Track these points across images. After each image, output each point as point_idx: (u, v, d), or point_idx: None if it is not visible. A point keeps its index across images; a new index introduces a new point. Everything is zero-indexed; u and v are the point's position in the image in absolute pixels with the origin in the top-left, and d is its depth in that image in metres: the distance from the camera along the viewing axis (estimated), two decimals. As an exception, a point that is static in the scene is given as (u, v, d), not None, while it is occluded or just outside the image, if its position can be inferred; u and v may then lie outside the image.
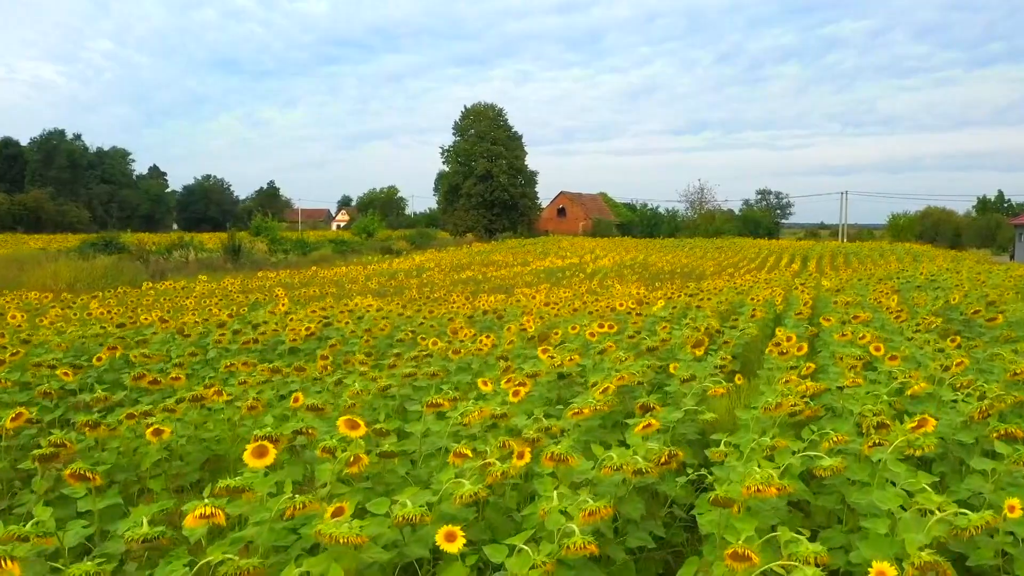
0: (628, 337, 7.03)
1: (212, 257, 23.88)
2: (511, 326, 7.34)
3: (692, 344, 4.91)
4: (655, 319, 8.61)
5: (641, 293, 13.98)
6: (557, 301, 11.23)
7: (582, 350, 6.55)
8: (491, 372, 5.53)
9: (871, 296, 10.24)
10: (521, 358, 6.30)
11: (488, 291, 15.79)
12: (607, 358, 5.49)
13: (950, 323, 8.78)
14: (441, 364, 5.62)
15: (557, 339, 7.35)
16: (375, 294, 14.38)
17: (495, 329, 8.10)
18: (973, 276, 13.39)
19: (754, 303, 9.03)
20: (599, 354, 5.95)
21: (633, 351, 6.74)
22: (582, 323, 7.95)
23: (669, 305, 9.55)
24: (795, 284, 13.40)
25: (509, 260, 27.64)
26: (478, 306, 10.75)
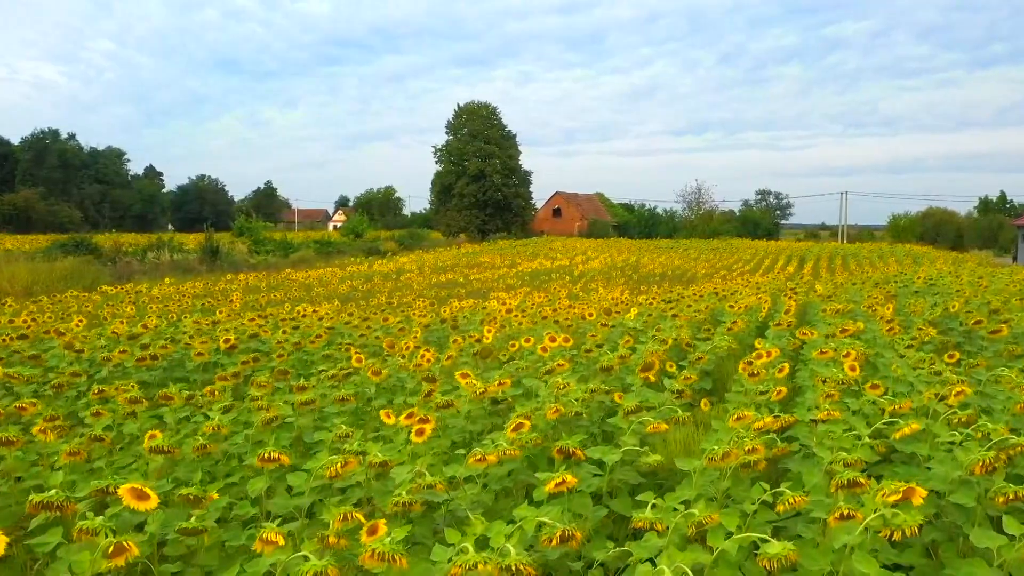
0: (586, 352, 6.28)
1: (188, 259, 23.14)
2: (458, 339, 6.58)
3: (642, 367, 4.14)
4: (624, 330, 7.85)
5: (623, 297, 13.22)
6: (527, 308, 10.47)
7: (533, 368, 5.80)
8: (416, 397, 4.77)
9: (864, 303, 9.47)
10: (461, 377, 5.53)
11: (464, 295, 15.05)
12: (553, 380, 4.73)
13: (949, 334, 8.01)
14: (354, 388, 4.86)
15: (509, 354, 6.60)
16: (342, 299, 13.64)
17: (446, 342, 7.35)
18: (974, 280, 12.61)
19: (735, 311, 8.26)
20: (546, 374, 5.20)
21: (588, 369, 5.99)
22: (545, 333, 7.21)
23: (644, 313, 8.78)
24: (787, 288, 12.63)
25: (496, 262, 26.87)
26: (443, 313, 10.00)
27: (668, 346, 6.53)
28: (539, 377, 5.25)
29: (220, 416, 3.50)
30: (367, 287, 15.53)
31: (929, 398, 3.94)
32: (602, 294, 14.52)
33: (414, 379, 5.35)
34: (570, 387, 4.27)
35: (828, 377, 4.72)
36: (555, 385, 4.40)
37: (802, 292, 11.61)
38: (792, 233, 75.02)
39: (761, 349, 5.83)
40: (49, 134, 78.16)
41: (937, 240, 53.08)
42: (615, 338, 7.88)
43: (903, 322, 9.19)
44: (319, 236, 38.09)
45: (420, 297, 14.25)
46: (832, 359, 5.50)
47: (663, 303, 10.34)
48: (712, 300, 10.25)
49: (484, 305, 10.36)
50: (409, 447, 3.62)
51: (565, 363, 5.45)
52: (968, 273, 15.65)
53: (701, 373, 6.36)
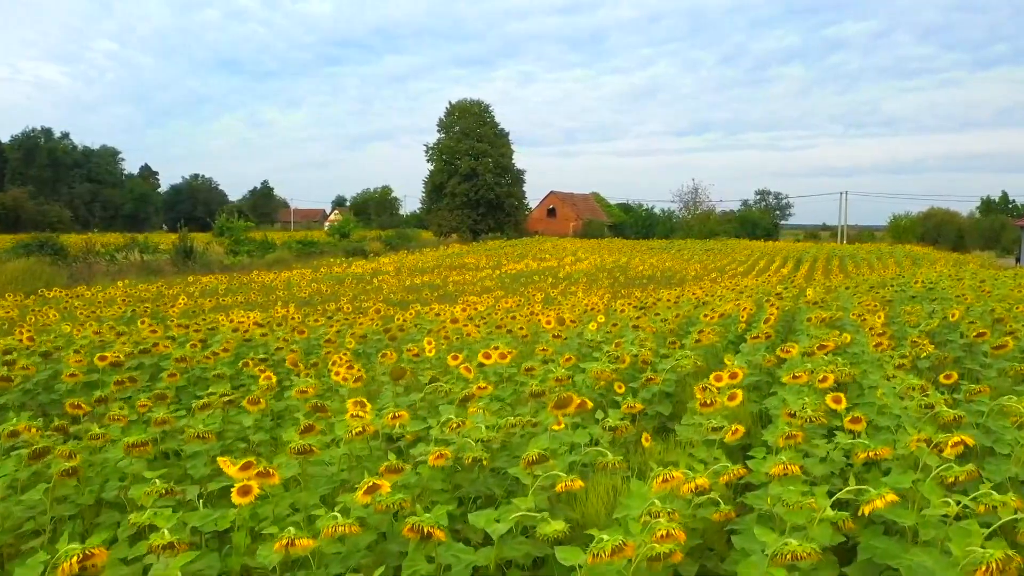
0: (526, 371, 5.42)
1: (158, 260, 22.26)
2: (388, 353, 5.72)
3: (555, 403, 3.27)
4: (582, 343, 6.99)
5: (599, 302, 12.36)
6: (489, 315, 9.63)
7: (457, 393, 4.95)
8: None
9: (855, 310, 8.61)
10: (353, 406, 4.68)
11: (434, 299, 14.20)
12: (452, 415, 3.88)
13: (947, 347, 7.14)
14: (219, 422, 4.00)
15: (449, 370, 5.74)
16: (301, 303, 12.79)
17: (375, 357, 6.48)
18: (976, 284, 11.74)
19: (708, 320, 7.40)
20: (464, 401, 4.35)
21: (513, 396, 5.14)
22: (492, 347, 6.37)
23: (610, 322, 7.92)
24: (773, 293, 11.77)
25: (481, 263, 25.98)
26: (396, 320, 9.15)
27: (625, 364, 5.69)
28: (457, 404, 4.40)
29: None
30: (333, 290, 14.69)
31: (918, 445, 3.07)
32: (580, 298, 13.66)
33: (302, 405, 4.49)
34: (466, 425, 3.41)
35: (797, 409, 3.87)
36: (460, 419, 3.54)
37: (789, 297, 10.74)
38: (792, 233, 74.20)
39: (725, 369, 4.98)
40: (42, 133, 77.59)
41: (938, 241, 52.19)
42: (572, 351, 7.04)
43: (897, 332, 8.32)
44: (302, 236, 37.17)
45: (385, 301, 13.40)
46: (808, 383, 4.65)
47: (635, 310, 9.48)
48: (688, 307, 9.39)
49: (438, 312, 9.49)
50: (232, 513, 2.78)
51: (488, 387, 4.61)
52: (970, 276, 14.77)
53: (659, 396, 5.50)
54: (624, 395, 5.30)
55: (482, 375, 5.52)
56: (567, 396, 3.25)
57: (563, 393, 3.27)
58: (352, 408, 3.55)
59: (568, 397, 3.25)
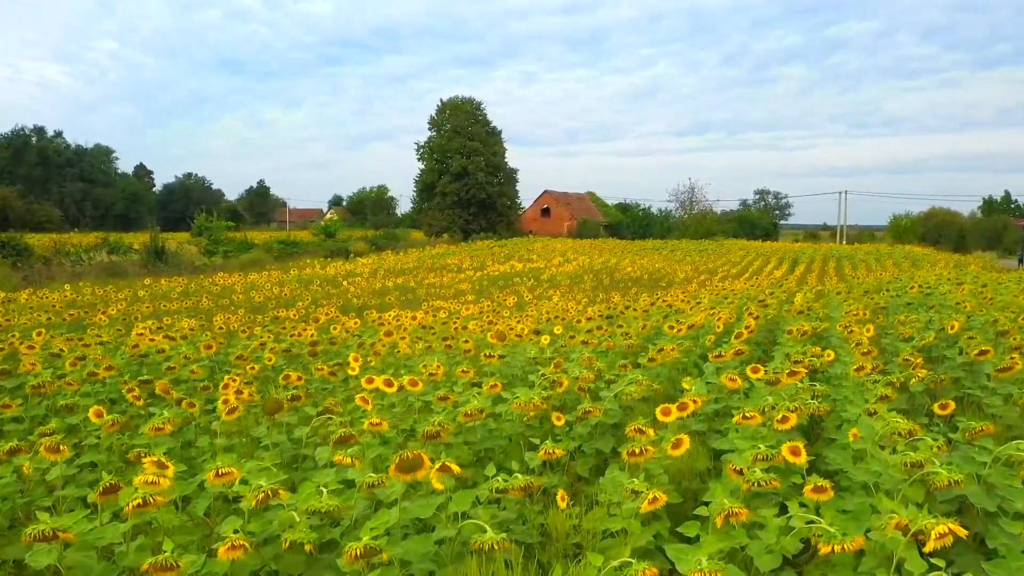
0: (440, 399, 4.55)
1: (127, 260, 21.39)
2: (291, 374, 4.85)
3: (398, 465, 2.40)
4: (526, 361, 6.12)
5: (572, 307, 11.51)
6: (441, 325, 8.77)
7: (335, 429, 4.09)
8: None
9: (843, 321, 7.74)
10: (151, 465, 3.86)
11: (400, 304, 13.35)
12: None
13: (944, 365, 6.27)
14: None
15: (330, 401, 4.89)
16: (253, 309, 11.95)
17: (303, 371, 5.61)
18: (977, 290, 10.86)
19: (674, 332, 6.53)
20: (340, 444, 3.50)
21: (403, 435, 4.28)
22: (424, 364, 5.52)
23: (566, 334, 7.05)
24: (759, 299, 10.90)
25: (464, 264, 25.08)
26: (333, 331, 8.30)
27: (563, 388, 4.82)
28: (333, 446, 3.55)
29: None
30: (295, 294, 13.83)
31: (893, 534, 2.20)
32: (554, 303, 12.79)
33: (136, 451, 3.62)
34: (280, 494, 2.54)
35: (744, 465, 3.01)
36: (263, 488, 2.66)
37: (775, 304, 9.86)
38: (791, 233, 73.30)
39: (683, 397, 4.12)
40: (34, 132, 76.83)
41: (939, 241, 51.24)
42: (515, 371, 6.18)
43: (889, 346, 7.45)
44: (284, 236, 36.19)
45: (344, 306, 12.55)
46: (767, 421, 3.78)
47: (603, 319, 8.61)
48: (659, 315, 8.51)
49: (384, 321, 8.62)
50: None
51: (384, 422, 3.75)
52: (970, 280, 13.89)
53: (600, 429, 4.64)
54: (560, 429, 4.45)
55: (386, 405, 4.66)
56: (414, 456, 2.37)
57: (410, 453, 2.40)
58: (149, 470, 2.68)
59: (416, 458, 2.37)
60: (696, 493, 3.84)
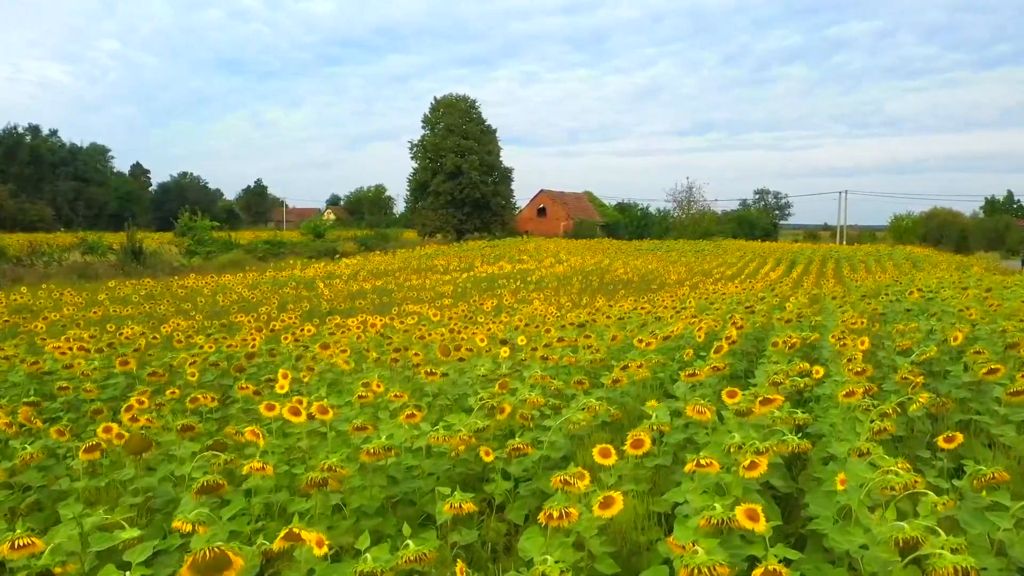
0: (356, 429, 3.89)
1: (100, 263, 20.68)
2: (176, 390, 4.19)
3: (192, 567, 1.74)
4: (474, 379, 5.45)
5: (549, 311, 10.85)
6: (401, 333, 8.12)
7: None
8: None
9: (836, 330, 7.05)
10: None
11: (373, 308, 12.69)
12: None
13: (945, 382, 5.59)
14: None
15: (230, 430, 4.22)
16: (213, 314, 11.30)
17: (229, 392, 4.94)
18: (981, 294, 10.17)
19: (644, 346, 5.85)
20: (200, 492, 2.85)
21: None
22: (364, 382, 4.86)
23: (528, 346, 6.38)
24: (747, 305, 10.23)
25: (452, 265, 24.39)
26: (281, 341, 7.65)
27: (504, 415, 4.15)
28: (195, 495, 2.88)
29: None
30: (264, 297, 13.15)
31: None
32: (535, 307, 12.12)
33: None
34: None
35: (687, 541, 2.35)
36: None
37: (764, 310, 9.18)
38: (791, 234, 72.62)
39: (635, 430, 3.45)
40: (29, 130, 76.27)
41: (941, 241, 50.52)
42: (465, 390, 5.50)
43: (886, 360, 6.77)
44: (270, 236, 35.43)
45: (312, 311, 11.88)
46: (731, 465, 3.10)
47: (575, 328, 7.94)
48: (636, 323, 7.84)
49: (331, 331, 7.94)
50: None
51: (268, 466, 3.09)
52: (974, 283, 13.19)
53: (540, 465, 3.97)
54: (495, 465, 3.78)
55: (292, 437, 3.99)
56: (215, 556, 1.70)
57: (209, 551, 1.72)
58: None
59: (219, 558, 1.70)
60: (648, 546, 3.18)
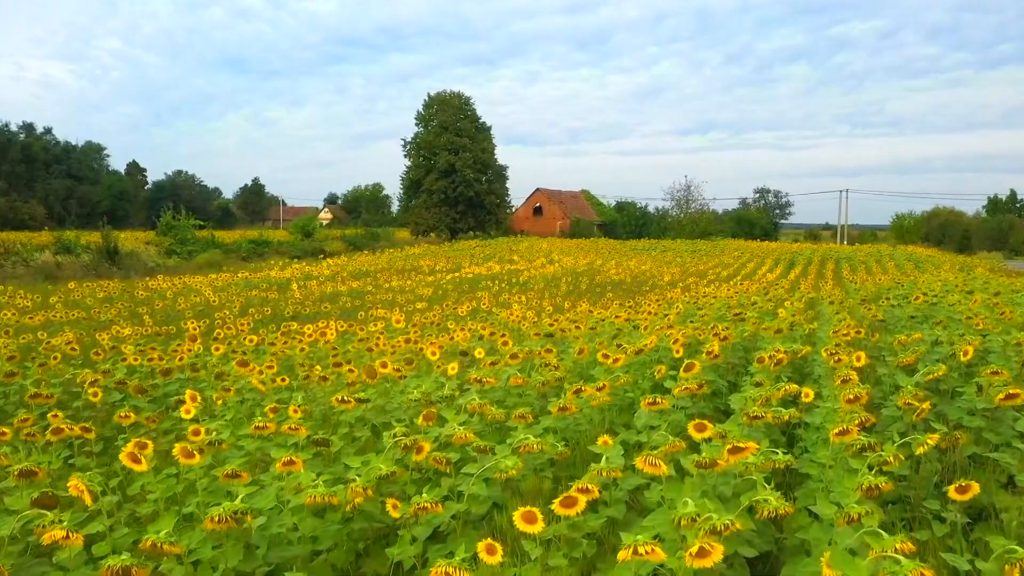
0: (228, 477, 3.15)
1: (72, 263, 19.91)
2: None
3: None
4: (409, 403, 4.71)
5: (525, 316, 10.12)
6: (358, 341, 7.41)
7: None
8: None
9: (830, 343, 6.33)
10: None
11: (340, 314, 11.96)
12: None
13: (953, 405, 4.85)
14: None
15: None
16: (165, 319, 10.59)
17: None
18: (990, 300, 9.42)
19: (610, 363, 5.12)
20: None
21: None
22: (283, 406, 4.17)
23: (485, 360, 5.64)
24: (739, 310, 9.49)
25: (439, 265, 23.63)
26: (212, 353, 6.93)
27: (423, 455, 3.43)
28: None
29: None
30: (226, 300, 12.43)
31: None
32: (514, 311, 11.38)
33: None
34: None
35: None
36: None
37: (754, 317, 8.43)
38: (792, 233, 71.83)
39: (576, 484, 2.74)
40: (24, 128, 75.68)
41: (943, 241, 49.73)
42: (398, 415, 4.77)
43: (886, 378, 6.03)
44: (256, 236, 34.64)
45: (276, 316, 11.17)
46: (688, 549, 2.37)
47: (544, 338, 7.22)
48: (609, 333, 7.09)
49: (276, 340, 7.20)
50: None
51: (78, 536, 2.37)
52: (980, 286, 12.45)
53: (458, 524, 3.24)
54: (400, 522, 3.07)
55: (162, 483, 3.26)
56: None
57: None
58: None
59: None
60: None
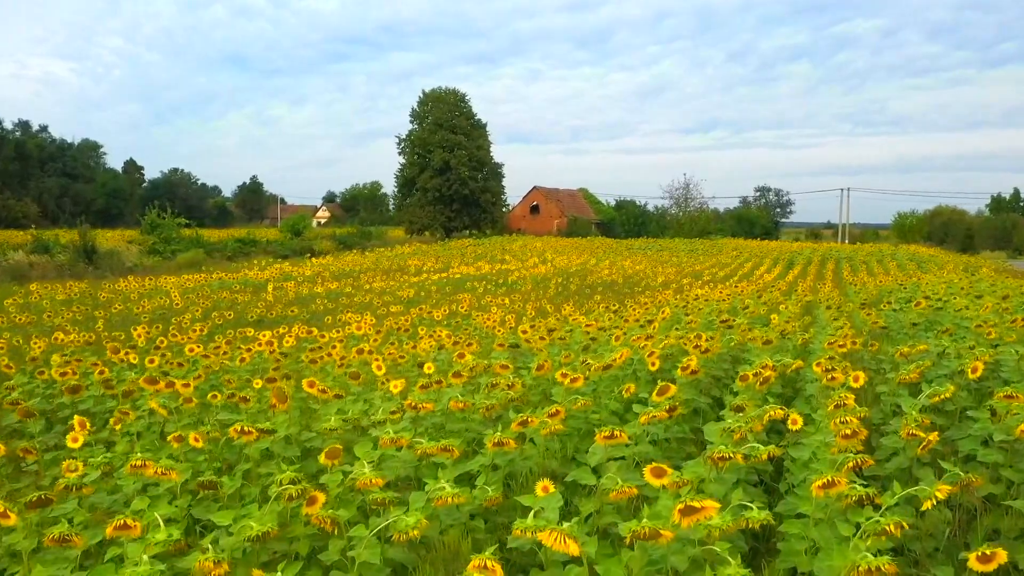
0: (55, 541, 2.51)
1: (47, 262, 19.30)
2: None
3: None
4: (337, 433, 4.06)
5: (501, 319, 9.48)
6: (290, 352, 6.77)
7: None
8: None
9: (823, 356, 5.67)
10: None
11: (307, 318, 11.33)
12: None
13: (962, 432, 4.19)
14: None
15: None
16: (119, 323, 9.97)
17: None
18: (999, 304, 8.76)
19: (569, 383, 4.46)
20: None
21: None
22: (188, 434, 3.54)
23: (433, 377, 4.99)
24: (729, 316, 8.84)
25: (428, 265, 22.98)
26: (148, 364, 6.30)
27: (316, 507, 2.79)
28: None
29: None
30: (192, 303, 11.80)
31: None
32: (493, 314, 10.74)
33: None
34: None
35: None
36: None
37: (744, 324, 7.77)
38: (793, 232, 71.12)
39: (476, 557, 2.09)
40: (19, 126, 75.20)
41: (945, 241, 49.01)
42: (311, 444, 4.12)
43: (888, 398, 5.38)
44: (244, 235, 34.02)
45: (238, 320, 10.55)
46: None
47: (509, 348, 6.58)
48: (580, 343, 6.44)
49: (210, 353, 6.55)
50: None
51: None
52: (987, 289, 11.78)
53: None
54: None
55: None
56: None
57: None
58: None
59: None
60: None
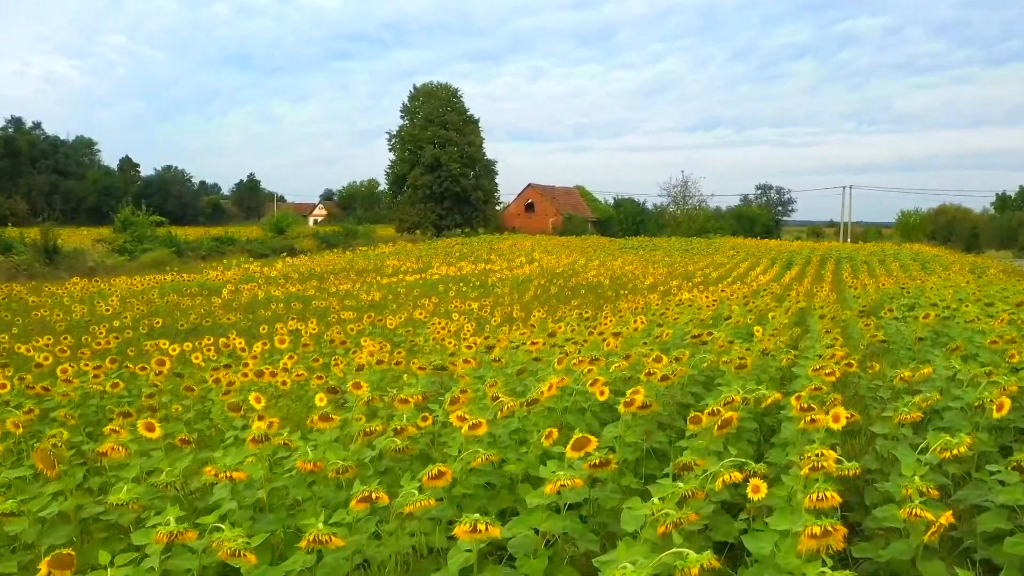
0: None
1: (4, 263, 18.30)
2: None
3: None
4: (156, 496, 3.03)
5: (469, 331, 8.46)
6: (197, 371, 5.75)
7: None
8: None
9: (811, 385, 4.60)
10: None
11: (246, 326, 10.32)
12: None
13: (975, 491, 3.15)
14: None
15: None
16: (24, 335, 8.98)
17: None
18: (1016, 316, 7.68)
19: (468, 428, 3.42)
20: None
21: None
22: None
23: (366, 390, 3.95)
24: (694, 334, 7.80)
25: (407, 265, 21.97)
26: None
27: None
28: None
29: None
30: (126, 308, 10.82)
31: None
32: (456, 320, 9.71)
33: None
34: None
35: None
36: None
37: (722, 339, 6.71)
38: (795, 230, 69.96)
39: None
40: (12, 122, 74.59)
41: (950, 240, 47.86)
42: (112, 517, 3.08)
43: (883, 449, 4.33)
44: (220, 233, 32.95)
45: (171, 328, 9.54)
46: None
47: (434, 369, 5.54)
48: (517, 364, 5.39)
49: (100, 373, 5.53)
50: None
51: None
52: (999, 294, 10.70)
53: None
54: None
55: None
56: None
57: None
58: None
59: None
60: None
